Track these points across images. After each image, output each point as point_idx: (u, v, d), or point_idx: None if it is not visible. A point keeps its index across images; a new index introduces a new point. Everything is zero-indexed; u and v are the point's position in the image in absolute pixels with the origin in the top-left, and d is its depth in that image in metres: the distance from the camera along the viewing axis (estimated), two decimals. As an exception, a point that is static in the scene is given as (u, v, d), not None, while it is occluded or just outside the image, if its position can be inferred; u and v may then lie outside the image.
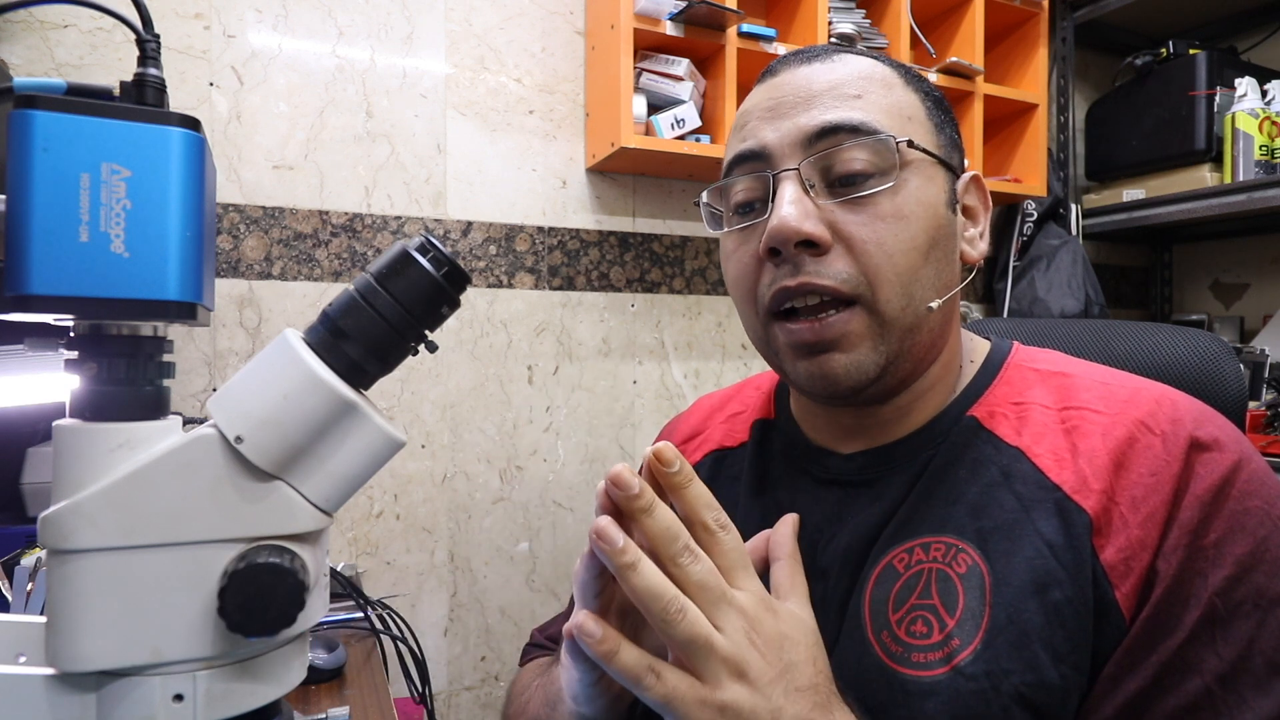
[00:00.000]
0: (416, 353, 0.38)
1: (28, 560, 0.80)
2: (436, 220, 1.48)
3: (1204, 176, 1.88)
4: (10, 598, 0.80)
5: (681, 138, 1.51)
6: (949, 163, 0.53)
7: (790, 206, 0.48)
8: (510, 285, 1.55)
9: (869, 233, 0.49)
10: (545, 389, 1.58)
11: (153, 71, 0.35)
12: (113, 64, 1.25)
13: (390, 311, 0.36)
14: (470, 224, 1.51)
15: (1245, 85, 1.82)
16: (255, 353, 0.46)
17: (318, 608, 0.37)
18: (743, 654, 0.39)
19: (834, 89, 0.51)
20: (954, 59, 1.69)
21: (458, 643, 1.49)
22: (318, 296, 1.39)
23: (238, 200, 1.33)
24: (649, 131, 1.50)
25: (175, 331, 1.19)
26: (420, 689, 1.13)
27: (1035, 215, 2.00)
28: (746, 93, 0.57)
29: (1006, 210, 2.07)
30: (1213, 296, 2.28)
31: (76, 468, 0.34)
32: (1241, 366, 0.65)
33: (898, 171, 0.49)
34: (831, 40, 1.59)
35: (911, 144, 0.50)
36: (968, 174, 0.56)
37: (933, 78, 1.70)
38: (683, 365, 1.72)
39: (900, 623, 0.47)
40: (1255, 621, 0.42)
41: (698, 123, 1.52)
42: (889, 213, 0.49)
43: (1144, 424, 0.47)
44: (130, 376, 0.35)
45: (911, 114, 0.52)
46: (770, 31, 1.55)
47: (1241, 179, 1.78)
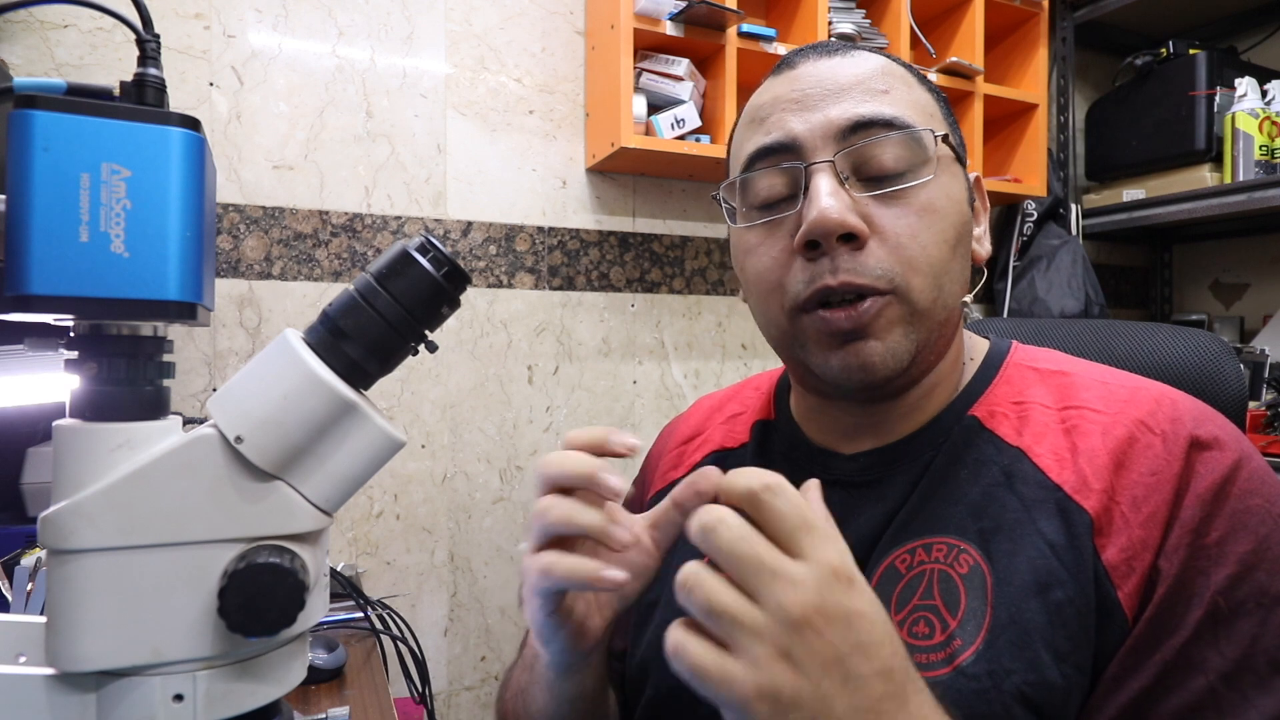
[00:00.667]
0: (416, 353, 0.38)
1: (28, 560, 0.80)
2: (436, 220, 1.48)
3: (1204, 176, 1.88)
4: (10, 598, 0.80)
5: (681, 138, 1.51)
6: (965, 161, 0.54)
7: (830, 198, 0.48)
8: (510, 285, 1.54)
9: (904, 226, 0.49)
10: (545, 389, 1.58)
11: (153, 71, 0.35)
12: (113, 64, 1.25)
13: (390, 311, 0.36)
14: (470, 224, 1.51)
15: (1245, 85, 1.82)
16: (255, 353, 0.46)
17: (318, 608, 0.37)
18: (785, 633, 0.33)
19: (861, 83, 0.51)
20: (954, 59, 1.69)
21: (458, 643, 1.49)
22: (318, 296, 1.39)
23: (238, 200, 1.33)
24: (649, 131, 1.50)
25: (175, 331, 1.19)
26: (420, 689, 1.13)
27: (1035, 215, 2.00)
28: (747, 92, 0.57)
29: (1006, 210, 2.07)
30: (1213, 296, 2.28)
31: (76, 468, 0.34)
32: (1241, 366, 0.65)
33: (933, 166, 0.50)
34: (832, 39, 1.59)
35: (946, 139, 0.51)
36: (972, 175, 0.57)
37: (933, 78, 1.70)
38: (683, 365, 1.72)
39: (903, 623, 0.47)
40: (1258, 620, 0.42)
41: (698, 123, 1.51)
42: (924, 207, 0.49)
43: (1144, 423, 0.47)
44: (130, 376, 0.35)
45: (932, 112, 0.53)
46: (770, 31, 1.55)
47: (1241, 179, 1.78)
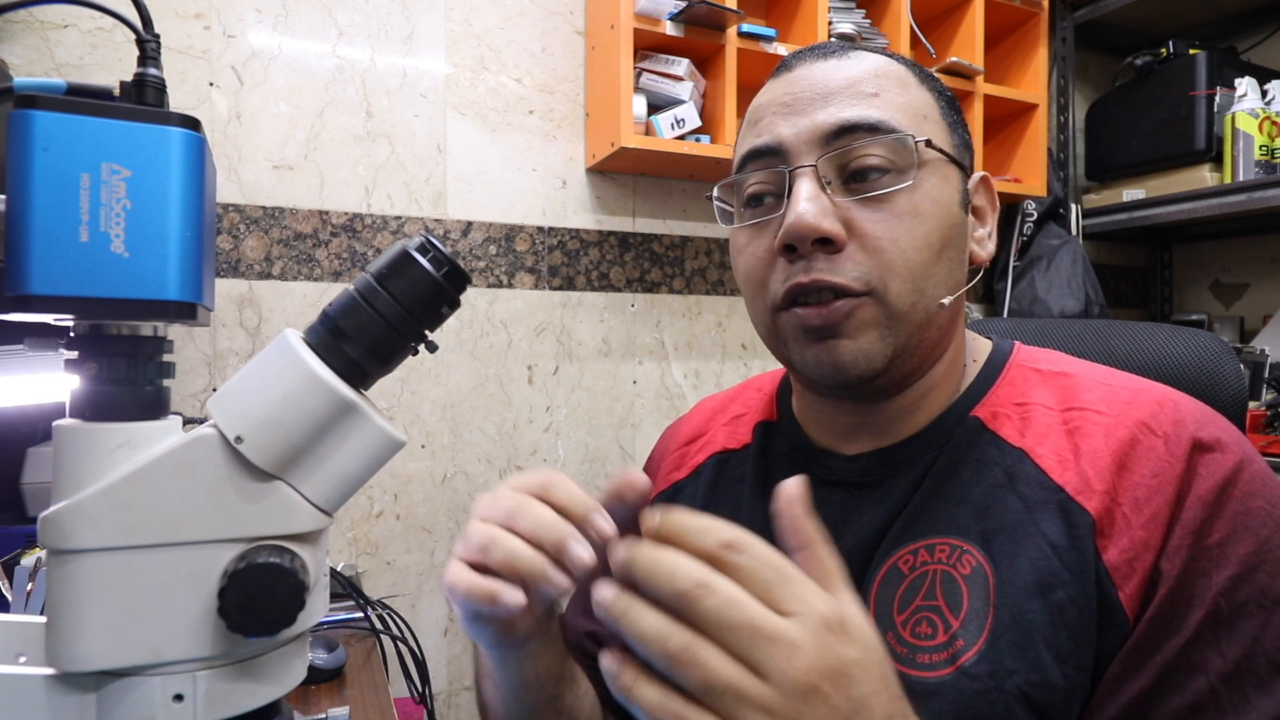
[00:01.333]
0: (416, 353, 0.38)
1: (28, 560, 0.80)
2: (436, 220, 1.48)
3: (1204, 176, 1.88)
4: (10, 598, 0.80)
5: (681, 138, 1.51)
6: (961, 163, 0.53)
7: (807, 203, 0.48)
8: (510, 285, 1.54)
9: (884, 230, 0.49)
10: (545, 389, 1.58)
11: (153, 71, 0.35)
12: (113, 64, 1.25)
13: (390, 311, 0.36)
14: (470, 224, 1.51)
15: (1245, 85, 1.81)
16: (255, 353, 0.46)
17: (318, 608, 0.37)
18: (793, 703, 0.31)
19: (851, 86, 0.51)
20: (954, 59, 1.69)
21: (458, 643, 1.49)
22: (318, 296, 1.39)
23: (238, 200, 1.33)
24: (649, 131, 1.50)
25: (175, 331, 1.19)
26: (420, 689, 1.13)
27: (1035, 215, 2.00)
28: (747, 92, 0.57)
29: (1006, 210, 2.06)
30: (1213, 296, 2.28)
31: (76, 468, 0.34)
32: (1241, 366, 0.65)
33: (915, 170, 0.49)
34: (832, 40, 1.59)
35: (930, 144, 0.50)
36: (977, 174, 0.56)
37: (933, 78, 1.70)
38: (683, 365, 1.72)
39: (905, 624, 0.47)
40: (1259, 621, 0.42)
41: (698, 123, 1.51)
42: (905, 211, 0.49)
43: (1146, 425, 0.47)
44: (130, 376, 0.35)
45: (927, 113, 0.52)
46: (770, 31, 1.55)
47: (1241, 179, 1.78)
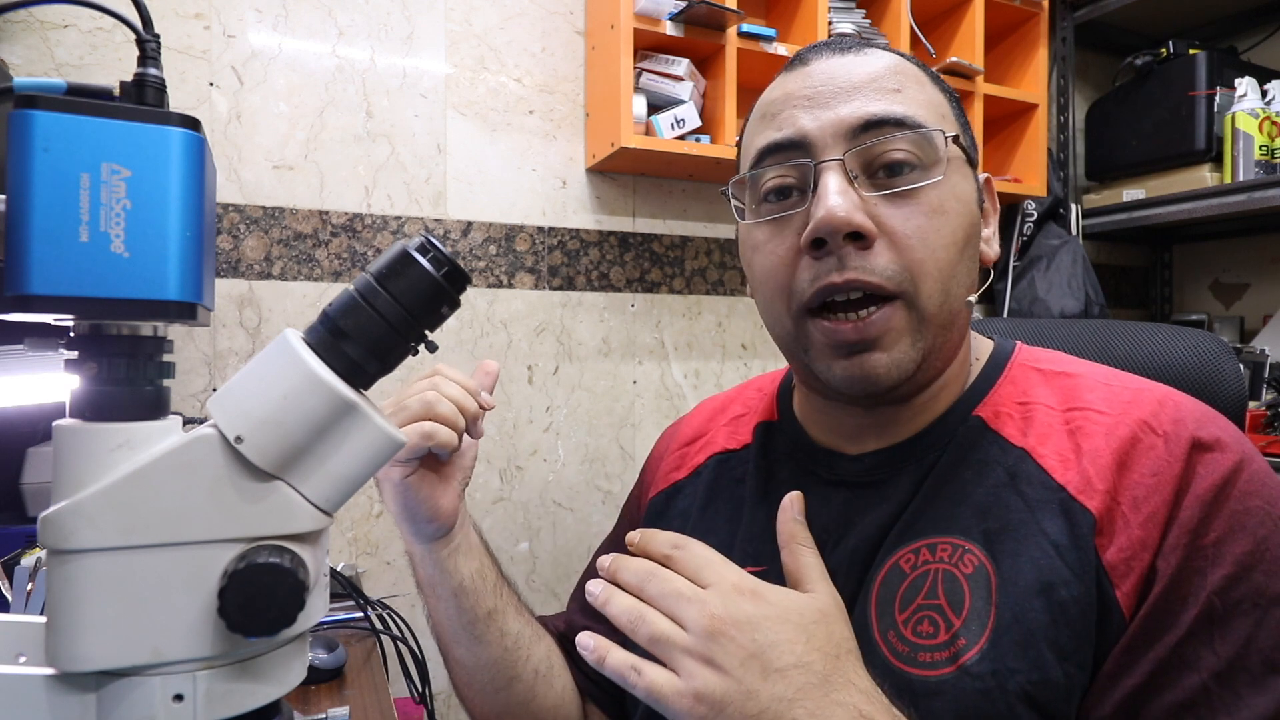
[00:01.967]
0: (416, 353, 0.38)
1: (28, 560, 0.80)
2: (436, 220, 1.48)
3: (1204, 176, 1.88)
4: (10, 598, 0.80)
5: (681, 138, 1.51)
6: (975, 161, 0.54)
7: (838, 197, 0.47)
8: (510, 285, 1.54)
9: (914, 227, 0.48)
10: (545, 389, 1.58)
11: (153, 71, 0.35)
12: (113, 64, 1.25)
13: (390, 311, 0.36)
14: (470, 224, 1.51)
15: (1245, 85, 1.81)
16: (255, 353, 0.46)
17: (318, 608, 0.37)
18: (704, 643, 0.42)
19: (874, 81, 0.51)
20: (954, 59, 1.69)
21: (458, 643, 1.49)
22: (318, 296, 1.39)
23: (238, 200, 1.33)
24: (649, 131, 1.50)
25: (175, 331, 1.19)
26: (420, 689, 1.13)
27: (1035, 215, 2.00)
28: (747, 92, 0.57)
29: (1007, 210, 2.06)
30: (1213, 296, 2.28)
31: (76, 468, 0.33)
32: (1241, 366, 0.65)
33: (943, 166, 0.49)
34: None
35: (956, 140, 0.50)
36: (981, 176, 0.56)
37: (933, 78, 1.70)
38: (683, 365, 1.72)
39: (907, 623, 0.47)
40: (1253, 620, 0.42)
41: (698, 123, 1.51)
42: (933, 207, 0.49)
43: (1147, 424, 0.47)
44: (130, 376, 0.35)
45: (944, 111, 0.53)
46: (770, 31, 1.55)
47: (1241, 179, 1.78)
